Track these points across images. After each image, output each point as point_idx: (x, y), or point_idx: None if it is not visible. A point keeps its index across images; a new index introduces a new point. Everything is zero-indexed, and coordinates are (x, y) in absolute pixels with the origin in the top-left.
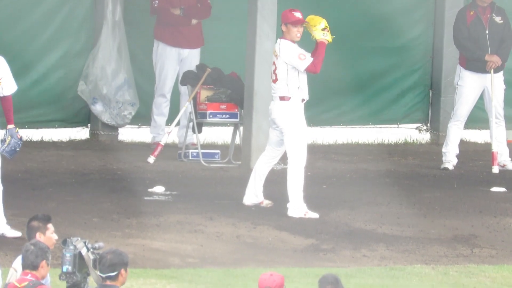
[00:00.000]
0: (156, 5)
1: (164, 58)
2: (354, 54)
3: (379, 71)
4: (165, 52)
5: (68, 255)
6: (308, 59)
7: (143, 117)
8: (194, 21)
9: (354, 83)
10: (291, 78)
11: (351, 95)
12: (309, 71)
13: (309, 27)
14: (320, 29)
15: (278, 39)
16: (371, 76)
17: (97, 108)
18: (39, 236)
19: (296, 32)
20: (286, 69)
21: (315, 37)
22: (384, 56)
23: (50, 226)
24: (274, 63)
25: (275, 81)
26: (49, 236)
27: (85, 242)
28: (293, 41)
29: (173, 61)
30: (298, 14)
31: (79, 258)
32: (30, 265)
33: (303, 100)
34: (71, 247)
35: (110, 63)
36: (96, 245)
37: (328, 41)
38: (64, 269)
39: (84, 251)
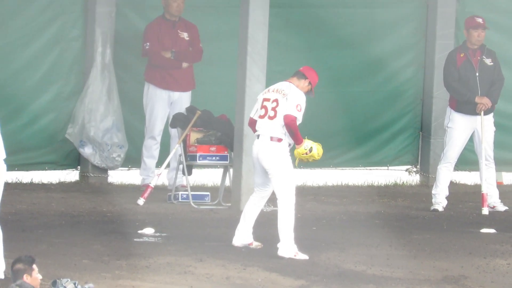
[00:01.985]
0: (147, 47)
1: (154, 101)
2: (345, 98)
3: (369, 114)
4: (155, 95)
5: None
6: (299, 116)
7: (133, 159)
8: (185, 65)
9: (344, 125)
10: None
11: (341, 137)
12: (288, 121)
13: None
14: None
15: (286, 82)
16: (361, 119)
17: (86, 150)
18: (26, 278)
19: (305, 90)
20: (284, 108)
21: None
22: (375, 100)
23: (35, 266)
24: (275, 100)
25: (272, 118)
26: (35, 276)
27: (75, 284)
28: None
29: (163, 104)
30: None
31: None
32: None
33: (289, 145)
34: None
35: (98, 106)
36: (86, 286)
37: (303, 156)
38: None
39: None
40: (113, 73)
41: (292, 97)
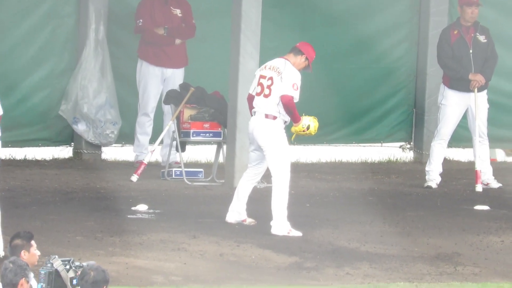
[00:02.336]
0: (140, 24)
1: (147, 77)
2: (338, 74)
3: (363, 91)
4: (148, 71)
5: (43, 273)
6: (296, 95)
7: (126, 136)
8: (178, 41)
9: (337, 102)
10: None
11: (335, 114)
12: (285, 101)
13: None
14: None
15: (281, 59)
16: (355, 96)
17: (79, 127)
18: (23, 254)
19: (301, 67)
20: (280, 88)
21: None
22: (368, 76)
23: (33, 243)
24: (270, 78)
25: (267, 96)
26: (33, 252)
27: (69, 261)
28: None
29: (156, 80)
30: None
31: (55, 276)
32: (9, 283)
33: (285, 122)
34: (48, 265)
35: (91, 82)
36: (85, 264)
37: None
38: (39, 287)
39: (61, 269)
40: (107, 49)
41: (287, 76)
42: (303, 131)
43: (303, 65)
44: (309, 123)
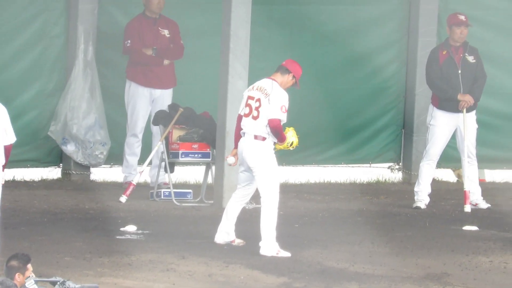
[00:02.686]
0: (128, 45)
1: (136, 98)
2: (327, 95)
3: (352, 111)
4: (137, 92)
5: None
6: (284, 117)
7: (115, 157)
8: (166, 62)
9: (327, 122)
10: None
11: (324, 134)
12: (273, 125)
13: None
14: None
15: (268, 80)
16: (343, 116)
17: (69, 148)
18: (17, 277)
19: (289, 85)
20: (268, 110)
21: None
22: (357, 96)
23: (29, 266)
24: (258, 100)
25: (256, 118)
26: (28, 276)
27: (61, 282)
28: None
29: (145, 101)
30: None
31: None
32: None
33: (274, 143)
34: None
35: (81, 103)
36: (86, 285)
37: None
38: None
39: None
40: (96, 70)
41: (275, 99)
42: (287, 147)
43: (291, 83)
44: (293, 139)
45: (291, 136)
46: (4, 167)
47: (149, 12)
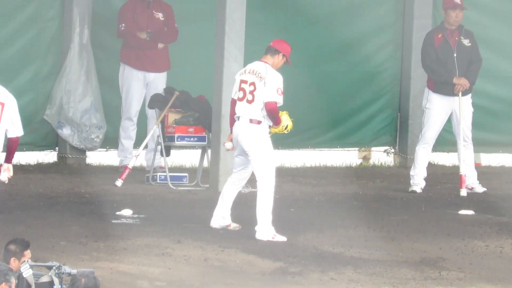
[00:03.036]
0: (122, 28)
1: (130, 81)
2: (323, 78)
3: (347, 95)
4: (131, 75)
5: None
6: (280, 99)
7: (111, 140)
8: (160, 45)
9: (322, 106)
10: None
11: (319, 118)
12: (270, 108)
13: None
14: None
15: (261, 62)
16: (339, 100)
17: (64, 131)
18: (13, 261)
19: (281, 65)
20: (263, 93)
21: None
22: (352, 80)
23: (27, 253)
24: (252, 84)
25: (251, 101)
26: (24, 261)
27: (57, 266)
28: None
29: (139, 84)
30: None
31: (20, 281)
32: None
33: (269, 126)
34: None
35: (76, 86)
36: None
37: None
38: None
39: (27, 274)
40: (91, 53)
41: (270, 82)
42: (282, 131)
43: (282, 62)
44: (287, 122)
45: (286, 119)
46: (10, 160)
47: None
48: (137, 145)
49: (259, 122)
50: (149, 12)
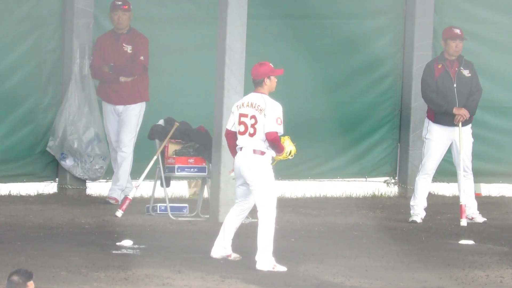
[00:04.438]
0: (90, 61)
1: (105, 115)
2: (322, 108)
3: (347, 125)
4: (105, 108)
5: None
6: (280, 129)
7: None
8: (122, 79)
9: (322, 136)
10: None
11: (319, 148)
12: (271, 138)
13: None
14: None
15: (257, 94)
16: (339, 130)
17: (68, 163)
18: None
19: (276, 82)
20: (263, 125)
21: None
22: (353, 110)
23: (30, 284)
24: (253, 117)
25: (253, 135)
26: None
27: None
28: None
29: (112, 117)
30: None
31: None
32: None
33: (272, 157)
34: None
35: (80, 118)
36: None
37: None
38: None
39: None
40: (92, 84)
41: (270, 112)
42: (286, 157)
43: (273, 82)
44: (290, 147)
45: (289, 145)
46: None
47: (115, 28)
48: (137, 176)
49: (262, 153)
50: (118, 44)
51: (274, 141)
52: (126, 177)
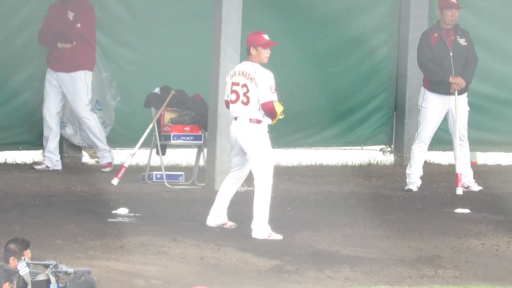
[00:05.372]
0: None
1: (46, 81)
2: (319, 78)
3: (343, 94)
4: (47, 75)
5: None
6: (275, 97)
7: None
8: (60, 45)
9: (318, 105)
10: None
11: (315, 117)
12: (267, 107)
13: None
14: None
15: (248, 62)
16: (335, 99)
17: (67, 131)
18: (12, 261)
19: (266, 54)
20: (257, 93)
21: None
22: (348, 79)
23: (26, 252)
24: (244, 85)
25: (246, 103)
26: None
27: (53, 265)
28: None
29: (51, 83)
30: (267, 37)
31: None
32: None
33: (268, 125)
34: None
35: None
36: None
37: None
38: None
39: (24, 272)
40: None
41: (261, 81)
42: (279, 118)
43: (262, 52)
44: (279, 108)
45: (277, 106)
46: None
47: None
48: (133, 144)
49: (258, 121)
50: (63, 11)
51: (270, 111)
52: (102, 140)
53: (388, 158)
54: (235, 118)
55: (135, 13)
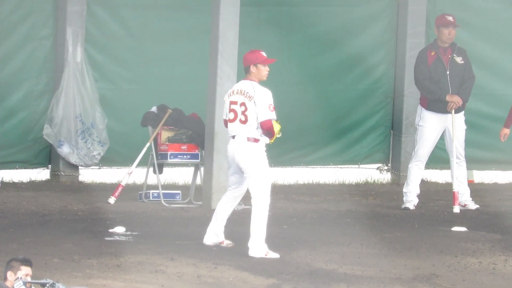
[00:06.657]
0: None
1: None
2: (316, 96)
3: (340, 112)
4: None
5: None
6: (274, 115)
7: (104, 159)
8: None
9: (315, 123)
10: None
11: (312, 135)
12: (266, 125)
13: None
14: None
15: (246, 81)
16: (333, 117)
17: (64, 150)
18: (9, 276)
19: (265, 71)
20: (255, 112)
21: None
22: (346, 98)
23: (24, 268)
24: (243, 104)
25: (244, 122)
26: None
27: (50, 284)
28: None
29: None
30: (264, 54)
31: None
32: None
33: (266, 144)
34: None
35: (75, 105)
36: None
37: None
38: None
39: None
40: (85, 71)
41: (260, 100)
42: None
43: (262, 70)
44: (276, 127)
45: (275, 125)
46: None
47: None
48: (129, 162)
49: (256, 140)
50: None
51: (269, 130)
52: None
53: (385, 177)
54: (233, 137)
55: (131, 31)
